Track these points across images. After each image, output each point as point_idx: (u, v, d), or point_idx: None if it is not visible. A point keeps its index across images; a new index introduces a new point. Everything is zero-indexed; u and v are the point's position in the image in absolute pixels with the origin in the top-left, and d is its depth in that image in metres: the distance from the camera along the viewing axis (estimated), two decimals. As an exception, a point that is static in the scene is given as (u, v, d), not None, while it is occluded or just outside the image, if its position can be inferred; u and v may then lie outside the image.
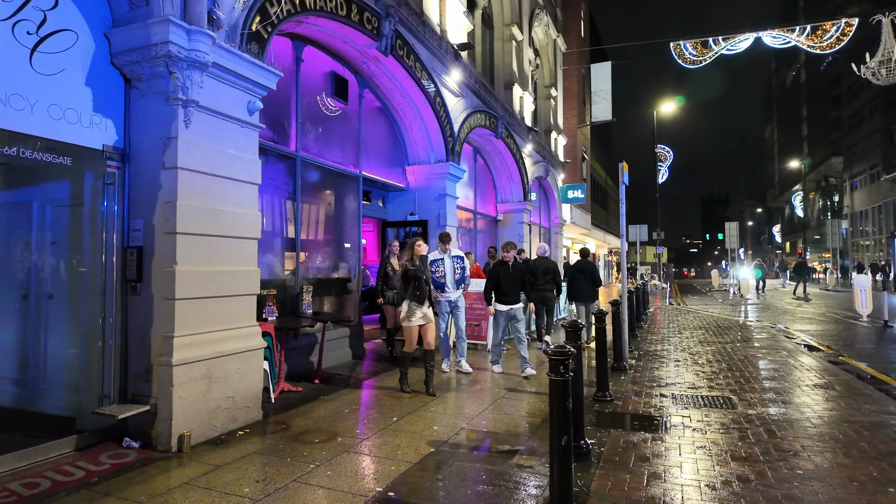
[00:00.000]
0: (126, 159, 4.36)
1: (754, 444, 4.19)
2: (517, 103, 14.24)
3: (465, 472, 3.68)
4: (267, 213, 6.58)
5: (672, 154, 35.74)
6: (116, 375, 4.28)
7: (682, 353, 8.60)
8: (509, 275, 6.82)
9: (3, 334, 5.11)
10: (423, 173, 9.38)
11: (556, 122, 20.07)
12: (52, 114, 3.84)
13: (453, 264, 6.90)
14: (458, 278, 6.95)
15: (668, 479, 3.55)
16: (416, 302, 5.80)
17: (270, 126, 6.46)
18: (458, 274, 6.95)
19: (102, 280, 4.29)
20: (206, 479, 3.56)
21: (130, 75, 4.29)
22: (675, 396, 5.73)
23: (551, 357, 3.00)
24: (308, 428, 4.66)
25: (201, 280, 4.38)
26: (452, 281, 6.88)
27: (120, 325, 4.33)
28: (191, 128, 4.29)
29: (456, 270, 6.93)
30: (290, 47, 6.73)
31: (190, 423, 4.18)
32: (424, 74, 8.49)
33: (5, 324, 5.10)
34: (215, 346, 4.47)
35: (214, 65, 4.41)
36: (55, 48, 3.88)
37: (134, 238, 4.36)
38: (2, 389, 5.04)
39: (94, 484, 3.46)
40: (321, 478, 3.59)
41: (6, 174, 5.23)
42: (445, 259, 6.90)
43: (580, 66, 25.38)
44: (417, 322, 5.79)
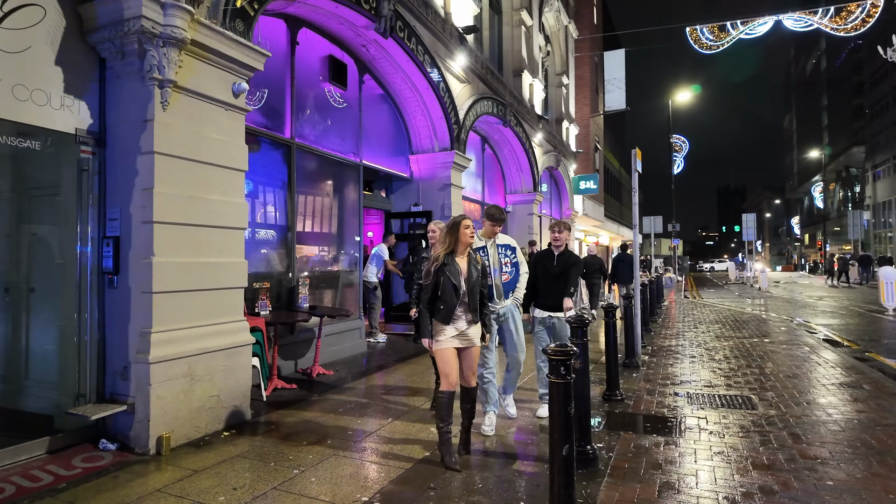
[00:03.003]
0: (102, 144, 4.11)
1: (777, 450, 3.84)
2: (527, 91, 13.83)
3: (455, 483, 3.38)
4: (260, 203, 6.32)
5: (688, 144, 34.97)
6: (93, 373, 4.05)
7: (698, 348, 8.22)
8: (552, 270, 4.84)
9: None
10: (428, 162, 9.06)
11: (568, 110, 19.59)
12: (17, 94, 3.59)
13: (500, 257, 4.51)
14: (506, 279, 4.53)
15: (682, 489, 3.23)
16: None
17: (263, 111, 6.19)
18: (506, 272, 4.52)
19: (78, 272, 4.05)
20: (181, 486, 3.31)
21: (105, 54, 4.03)
22: (691, 395, 5.38)
23: (551, 357, 2.69)
24: (298, 429, 4.40)
25: (182, 272, 4.12)
26: (500, 282, 4.50)
27: (98, 320, 4.10)
28: (169, 110, 4.02)
29: (504, 267, 4.51)
30: (285, 29, 6.43)
31: (170, 424, 3.93)
32: (427, 58, 8.14)
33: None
34: (198, 343, 4.21)
35: (194, 42, 4.12)
36: (20, 24, 3.61)
37: (111, 228, 4.11)
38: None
39: (60, 490, 3.23)
40: (304, 485, 3.32)
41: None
42: (488, 248, 4.48)
43: (593, 54, 24.79)
44: (451, 343, 3.68)
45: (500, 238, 4.57)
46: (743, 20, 16.79)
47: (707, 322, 11.64)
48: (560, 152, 17.16)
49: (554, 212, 18.31)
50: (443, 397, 3.62)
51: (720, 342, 8.78)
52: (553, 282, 4.77)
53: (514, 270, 4.54)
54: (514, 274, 4.54)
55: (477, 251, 4.10)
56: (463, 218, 3.79)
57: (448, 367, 3.62)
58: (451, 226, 3.74)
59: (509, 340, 4.55)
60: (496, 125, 11.91)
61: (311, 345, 6.46)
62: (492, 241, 4.51)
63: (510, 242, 4.62)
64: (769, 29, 16.09)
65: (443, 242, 3.75)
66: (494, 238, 4.53)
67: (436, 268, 3.66)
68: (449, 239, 3.72)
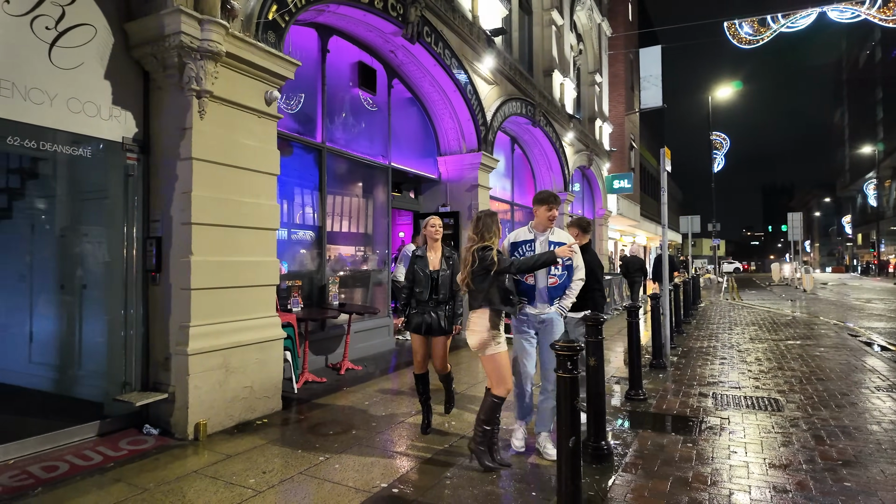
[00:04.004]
0: (146, 151, 4.42)
1: (798, 452, 3.81)
2: (557, 90, 13.79)
3: (471, 473, 3.51)
4: (292, 205, 6.60)
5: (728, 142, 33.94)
6: (138, 364, 4.37)
7: (730, 350, 8.07)
8: None
9: (45, 322, 5.36)
10: (455, 164, 9.20)
11: (601, 109, 19.37)
12: (71, 107, 3.92)
13: None
14: (555, 283, 3.76)
15: (694, 486, 3.26)
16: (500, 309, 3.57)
17: (295, 117, 6.46)
18: (553, 275, 3.77)
19: (125, 270, 4.38)
20: (215, 469, 3.55)
21: (148, 67, 4.34)
22: (717, 396, 5.34)
23: (558, 352, 2.79)
24: (325, 419, 4.62)
25: (218, 270, 4.40)
26: (545, 285, 3.76)
27: (142, 315, 4.41)
28: (205, 118, 4.30)
29: (555, 267, 3.74)
30: (316, 38, 6.70)
31: (206, 412, 4.21)
32: (454, 62, 8.29)
33: (47, 312, 5.34)
34: (233, 336, 4.48)
35: (228, 54, 4.40)
36: (74, 42, 3.95)
37: (154, 229, 4.42)
38: (41, 374, 5.28)
39: (108, 469, 3.53)
40: (328, 470, 3.52)
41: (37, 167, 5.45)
42: (536, 244, 3.80)
43: (628, 51, 24.41)
44: (503, 346, 3.58)
45: (555, 234, 3.84)
46: (784, 13, 16.25)
47: (743, 324, 11.36)
48: (592, 151, 17.01)
49: (587, 211, 18.15)
50: (498, 402, 3.53)
51: (754, 344, 8.58)
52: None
53: (566, 274, 3.78)
54: (564, 279, 3.77)
55: (519, 245, 3.81)
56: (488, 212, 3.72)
57: (509, 369, 3.61)
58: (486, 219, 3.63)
59: (547, 356, 3.71)
60: (525, 125, 11.95)
61: (340, 341, 6.71)
62: (544, 237, 3.80)
63: (565, 240, 3.77)
64: (812, 21, 15.51)
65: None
66: (548, 233, 3.82)
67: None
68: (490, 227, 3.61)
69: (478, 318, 3.54)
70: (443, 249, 4.29)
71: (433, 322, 4.16)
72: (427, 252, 4.28)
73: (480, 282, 3.53)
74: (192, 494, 3.17)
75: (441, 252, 4.27)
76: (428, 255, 4.25)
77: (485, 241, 3.55)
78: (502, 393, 3.53)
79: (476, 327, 3.53)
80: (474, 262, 3.51)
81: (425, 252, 4.27)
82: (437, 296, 4.16)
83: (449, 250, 4.32)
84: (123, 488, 3.24)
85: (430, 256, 4.24)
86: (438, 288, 4.16)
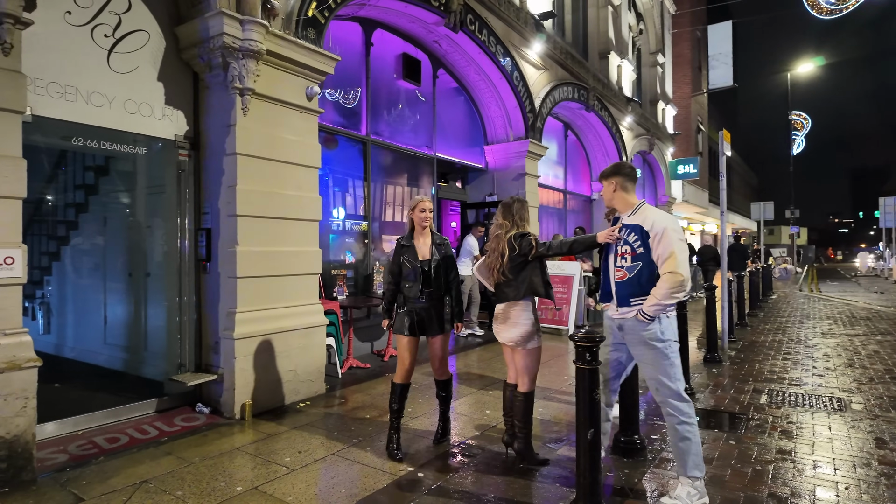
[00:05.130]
0: (196, 147, 4.70)
1: (854, 455, 3.54)
2: (614, 73, 13.29)
3: (498, 459, 3.52)
4: (338, 196, 6.80)
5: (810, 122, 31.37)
6: (192, 346, 4.69)
7: (797, 345, 7.56)
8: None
9: (116, 307, 5.87)
10: (502, 152, 9.11)
11: (664, 90, 18.49)
12: (128, 108, 4.23)
13: (617, 244, 3.06)
14: (622, 277, 2.98)
15: (729, 486, 3.11)
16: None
17: (340, 111, 6.63)
18: (622, 267, 2.99)
19: (179, 260, 4.70)
20: (256, 447, 3.77)
21: (196, 68, 4.60)
22: (773, 393, 5.04)
23: (577, 343, 2.74)
24: (364, 403, 4.77)
25: (262, 260, 4.63)
26: (612, 280, 3.06)
27: (195, 301, 4.72)
28: (248, 115, 4.51)
29: (620, 259, 3.02)
30: (360, 31, 6.83)
31: (252, 393, 4.46)
32: (500, 49, 8.18)
33: (117, 297, 5.85)
34: (277, 322, 4.71)
35: (269, 52, 4.58)
36: (129, 48, 4.25)
37: (204, 221, 4.71)
38: (112, 354, 5.79)
39: (162, 443, 3.83)
40: (359, 452, 3.65)
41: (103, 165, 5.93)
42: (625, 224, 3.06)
43: (694, 29, 23.08)
44: (541, 340, 3.50)
45: (631, 216, 3.03)
46: (873, -23, 14.76)
47: (816, 317, 10.58)
48: (654, 135, 16.30)
49: (648, 198, 17.44)
50: (531, 399, 3.45)
51: (825, 339, 7.99)
52: None
53: (639, 266, 2.93)
54: (636, 271, 2.93)
55: None
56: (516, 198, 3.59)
57: (538, 365, 3.51)
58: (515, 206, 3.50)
59: (644, 370, 3.03)
60: (578, 111, 11.63)
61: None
62: (625, 217, 3.07)
63: (641, 222, 2.95)
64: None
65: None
66: (629, 214, 3.06)
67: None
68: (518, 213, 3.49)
69: (521, 309, 3.37)
70: (433, 236, 3.72)
71: (428, 319, 3.59)
72: (414, 240, 3.68)
73: (519, 271, 3.36)
74: (232, 469, 3.39)
75: (431, 239, 3.69)
76: (415, 244, 3.66)
77: (518, 229, 3.45)
78: (531, 388, 3.44)
79: (519, 320, 3.36)
80: (512, 250, 3.35)
81: (412, 240, 3.68)
82: (430, 289, 3.57)
83: (439, 236, 3.76)
84: (172, 461, 3.51)
85: (418, 245, 3.66)
86: (431, 280, 3.58)
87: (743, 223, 36.35)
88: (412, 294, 3.58)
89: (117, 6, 4.18)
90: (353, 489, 3.10)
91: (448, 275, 3.68)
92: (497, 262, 3.43)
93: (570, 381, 5.46)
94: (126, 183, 5.64)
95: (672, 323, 2.96)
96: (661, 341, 2.91)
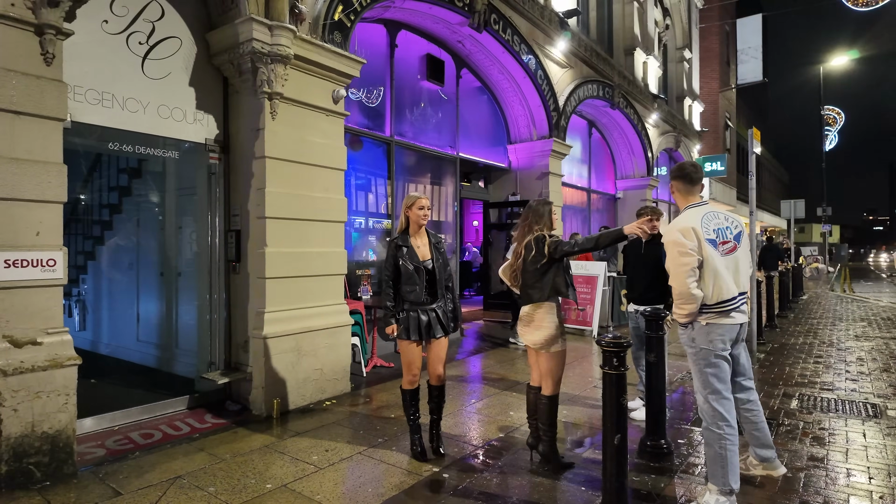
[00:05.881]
0: (226, 151, 4.81)
1: (891, 463, 3.44)
2: (640, 69, 13.11)
3: (522, 461, 3.53)
4: (361, 197, 6.87)
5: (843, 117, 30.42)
6: (222, 345, 4.80)
7: (828, 348, 7.37)
8: (639, 258, 4.45)
9: (148, 305, 6.04)
10: (525, 151, 9.08)
11: (691, 86, 18.14)
12: (160, 113, 4.35)
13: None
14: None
15: (757, 495, 3.07)
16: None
17: (365, 112, 6.69)
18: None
19: (210, 260, 4.81)
20: (284, 444, 3.85)
21: (226, 73, 4.70)
22: (804, 398, 4.94)
23: (605, 348, 2.73)
24: (389, 403, 4.83)
25: (290, 261, 4.71)
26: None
27: (224, 301, 4.84)
28: (277, 119, 4.59)
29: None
30: (384, 33, 6.87)
31: (280, 391, 4.55)
32: (523, 47, 8.14)
33: (150, 296, 6.02)
34: (304, 322, 4.79)
35: (297, 56, 4.65)
36: (162, 54, 4.37)
37: (234, 222, 4.81)
38: (146, 351, 5.96)
39: (194, 439, 3.94)
40: (384, 452, 3.69)
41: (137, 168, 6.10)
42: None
43: (723, 22, 22.59)
44: (565, 343, 3.47)
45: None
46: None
47: (849, 319, 10.29)
48: (680, 132, 16.03)
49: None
50: (555, 402, 3.43)
51: (859, 342, 7.77)
52: (643, 272, 4.40)
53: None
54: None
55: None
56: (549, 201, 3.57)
57: (563, 368, 3.45)
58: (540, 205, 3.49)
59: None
60: (603, 108, 11.50)
61: (409, 328, 6.92)
62: None
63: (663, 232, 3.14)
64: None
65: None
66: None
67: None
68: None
69: (545, 312, 3.33)
70: (429, 235, 3.59)
71: (435, 322, 3.48)
72: (411, 240, 3.52)
73: (543, 272, 3.33)
74: (262, 466, 3.47)
75: (428, 238, 3.58)
76: (413, 244, 3.50)
77: (540, 231, 3.41)
78: (556, 391, 3.43)
79: (543, 322, 3.32)
80: (529, 252, 3.37)
81: (408, 240, 3.50)
82: (434, 291, 3.50)
83: (435, 235, 3.62)
84: (205, 457, 3.61)
85: (416, 245, 3.51)
86: (436, 282, 3.50)
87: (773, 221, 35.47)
88: (416, 298, 3.44)
89: (151, 14, 4.30)
90: (380, 489, 3.15)
91: (446, 274, 3.59)
92: (518, 265, 3.45)
93: (595, 383, 5.43)
94: (158, 185, 5.80)
95: (707, 330, 2.89)
96: (690, 347, 2.94)
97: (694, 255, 2.83)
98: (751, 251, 7.18)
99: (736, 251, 2.92)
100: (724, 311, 2.85)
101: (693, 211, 2.98)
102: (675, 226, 2.95)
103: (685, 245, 2.84)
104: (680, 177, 3.10)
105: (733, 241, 2.92)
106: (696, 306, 2.86)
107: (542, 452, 3.47)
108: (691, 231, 2.85)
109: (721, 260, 2.86)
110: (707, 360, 2.88)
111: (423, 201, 3.54)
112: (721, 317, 2.86)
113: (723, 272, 2.84)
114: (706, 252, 2.84)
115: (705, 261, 2.84)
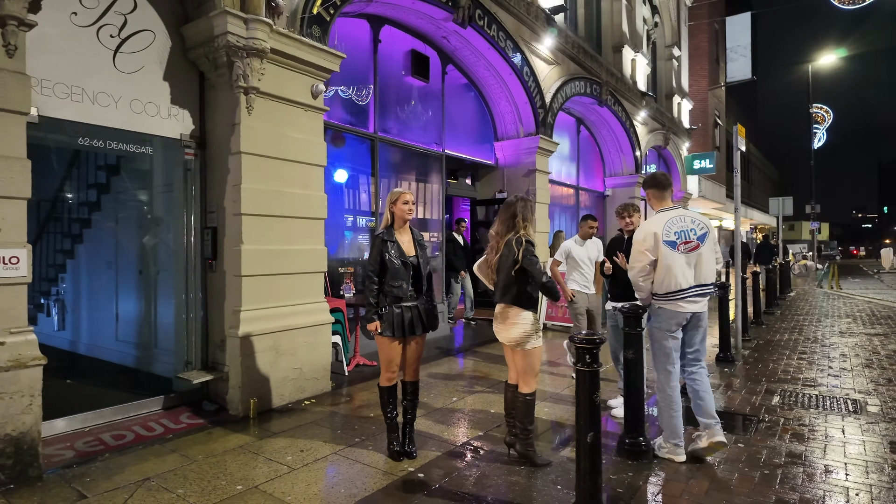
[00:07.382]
0: (202, 146, 4.73)
1: (867, 460, 3.43)
2: (628, 67, 13.09)
3: (500, 460, 3.49)
4: (345, 194, 6.80)
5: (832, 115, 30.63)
6: (199, 344, 4.72)
7: (813, 344, 7.40)
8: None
9: (127, 304, 5.94)
10: (512, 148, 9.03)
11: (680, 84, 18.16)
12: (133, 108, 4.26)
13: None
14: None
15: (736, 492, 3.04)
16: None
17: (348, 108, 6.62)
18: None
19: (186, 258, 4.73)
20: (258, 445, 3.79)
21: (202, 67, 4.62)
22: (786, 394, 4.93)
23: (577, 345, 2.69)
24: (369, 402, 4.77)
25: (267, 258, 4.64)
26: None
27: (201, 299, 4.76)
28: (253, 114, 4.51)
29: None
30: (368, 29, 6.79)
31: (258, 391, 4.48)
32: (509, 44, 8.09)
33: (128, 295, 5.92)
34: (282, 321, 4.72)
35: (274, 51, 4.57)
36: (135, 48, 4.28)
37: (210, 219, 4.73)
38: (124, 351, 5.87)
39: (167, 440, 3.86)
40: (361, 452, 3.64)
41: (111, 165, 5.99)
42: None
43: (712, 20, 22.65)
44: (541, 340, 3.53)
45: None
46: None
47: (835, 315, 10.35)
48: (669, 130, 16.04)
49: (662, 194, 17.18)
50: (532, 400, 3.43)
51: (843, 338, 7.80)
52: (625, 270, 4.40)
53: None
54: None
55: None
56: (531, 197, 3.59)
57: (539, 365, 3.52)
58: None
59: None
60: (591, 105, 11.47)
61: (393, 326, 6.86)
62: None
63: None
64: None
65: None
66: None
67: None
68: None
69: (520, 309, 3.35)
70: (411, 231, 3.60)
71: (417, 318, 3.47)
72: (397, 235, 3.50)
73: (516, 277, 3.32)
74: (234, 467, 3.40)
75: (412, 234, 3.59)
76: (399, 239, 3.48)
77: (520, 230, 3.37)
78: (533, 389, 3.42)
79: (517, 319, 3.34)
80: (509, 250, 3.33)
81: (394, 235, 3.48)
82: (417, 287, 3.50)
83: (417, 231, 3.65)
84: (176, 458, 3.54)
85: (402, 241, 3.49)
86: (421, 278, 3.51)
87: (762, 219, 35.66)
88: (401, 293, 3.41)
89: (123, 6, 4.20)
90: (353, 489, 3.09)
91: (427, 270, 3.58)
92: (495, 261, 3.45)
93: (578, 380, 5.41)
94: (135, 182, 5.70)
95: (659, 313, 3.47)
96: (649, 326, 3.61)
97: (648, 255, 3.41)
98: (736, 250, 7.18)
99: (698, 249, 3.41)
100: (673, 300, 3.40)
101: (661, 215, 3.50)
102: (642, 227, 3.53)
103: (642, 245, 3.43)
104: (653, 185, 3.63)
105: (696, 241, 3.41)
106: (645, 294, 3.52)
107: (519, 451, 3.44)
108: (652, 235, 3.39)
109: (679, 257, 3.37)
110: (659, 337, 3.49)
111: (408, 196, 3.53)
112: (670, 304, 3.42)
113: (675, 268, 3.36)
114: (661, 252, 3.38)
115: (659, 259, 3.40)
